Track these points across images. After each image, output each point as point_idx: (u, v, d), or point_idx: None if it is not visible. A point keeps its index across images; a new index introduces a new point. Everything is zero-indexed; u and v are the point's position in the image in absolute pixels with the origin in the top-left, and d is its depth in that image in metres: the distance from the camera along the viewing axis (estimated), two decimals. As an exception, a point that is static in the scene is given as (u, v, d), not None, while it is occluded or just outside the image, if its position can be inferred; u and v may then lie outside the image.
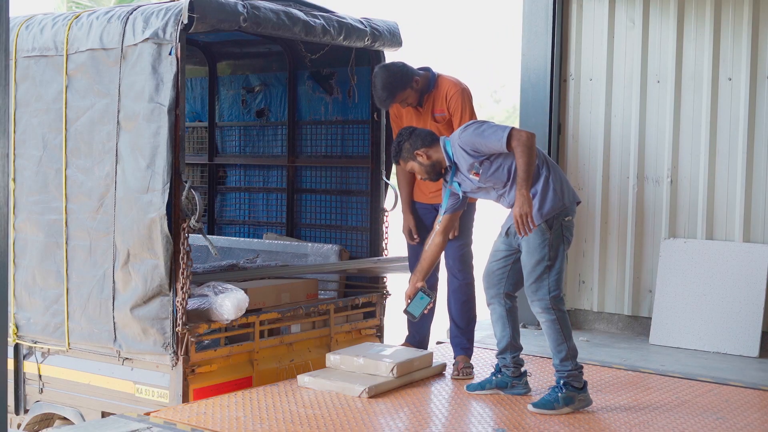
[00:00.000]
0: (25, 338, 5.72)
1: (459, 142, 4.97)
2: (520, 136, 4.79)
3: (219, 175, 7.59)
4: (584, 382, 4.97)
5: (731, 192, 6.96)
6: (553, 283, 4.92)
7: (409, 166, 5.16)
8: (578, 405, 4.93)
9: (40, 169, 5.56)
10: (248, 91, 7.34)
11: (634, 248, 7.35)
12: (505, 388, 5.23)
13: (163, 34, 4.99)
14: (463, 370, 5.65)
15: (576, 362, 4.95)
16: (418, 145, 5.08)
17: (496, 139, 4.83)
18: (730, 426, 4.78)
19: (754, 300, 6.72)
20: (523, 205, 4.74)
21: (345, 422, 4.65)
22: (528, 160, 4.77)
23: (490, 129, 4.89)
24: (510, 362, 5.24)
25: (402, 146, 5.13)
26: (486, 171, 4.93)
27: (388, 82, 5.49)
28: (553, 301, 4.93)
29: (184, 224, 5.02)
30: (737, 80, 6.92)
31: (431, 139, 5.12)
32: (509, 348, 5.21)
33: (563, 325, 4.94)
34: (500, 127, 4.89)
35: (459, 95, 5.57)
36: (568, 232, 4.99)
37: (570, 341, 4.95)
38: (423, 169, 5.12)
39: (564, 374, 4.93)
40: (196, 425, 4.58)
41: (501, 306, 5.17)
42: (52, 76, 5.50)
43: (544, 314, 4.95)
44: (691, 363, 6.38)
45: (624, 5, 7.36)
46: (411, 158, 5.12)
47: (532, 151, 4.80)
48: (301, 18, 5.54)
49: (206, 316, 5.18)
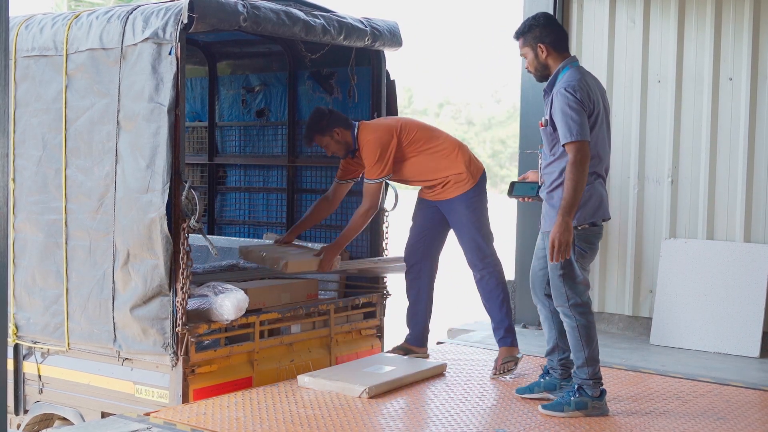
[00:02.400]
0: (25, 338, 5.71)
1: (561, 90, 4.73)
2: (581, 157, 4.59)
3: (219, 175, 7.58)
4: (602, 392, 4.88)
5: (732, 192, 6.95)
6: (570, 291, 4.81)
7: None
8: (592, 411, 4.83)
9: (40, 169, 5.55)
10: (248, 91, 7.33)
11: (635, 248, 7.35)
12: (554, 391, 5.09)
13: (163, 33, 4.99)
14: (502, 366, 5.60)
15: (594, 371, 4.85)
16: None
17: (565, 131, 4.66)
18: (730, 426, 4.78)
19: (754, 300, 6.72)
20: (563, 232, 4.59)
21: (345, 422, 4.65)
22: (576, 186, 4.59)
23: (573, 120, 4.65)
24: (557, 364, 5.13)
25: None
26: (546, 131, 4.83)
27: (309, 124, 5.91)
28: (572, 309, 4.82)
29: (183, 224, 5.01)
30: (738, 80, 6.92)
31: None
32: (556, 349, 5.13)
33: (582, 333, 4.83)
34: (581, 126, 4.65)
35: (367, 145, 5.75)
36: (582, 241, 4.81)
37: (589, 350, 4.83)
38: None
39: (579, 381, 4.87)
40: (196, 425, 4.58)
41: (545, 307, 5.09)
42: (51, 76, 5.49)
43: (565, 319, 4.88)
44: (691, 363, 6.38)
45: (625, 5, 7.35)
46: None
47: (582, 177, 4.61)
48: (301, 18, 5.54)
49: (206, 316, 5.18)
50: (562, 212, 4.62)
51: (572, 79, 4.78)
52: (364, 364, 5.66)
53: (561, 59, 4.90)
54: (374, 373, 5.41)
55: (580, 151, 4.63)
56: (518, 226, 7.73)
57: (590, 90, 4.79)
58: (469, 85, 38.30)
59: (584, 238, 4.82)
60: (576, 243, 4.77)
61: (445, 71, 39.93)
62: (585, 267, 4.88)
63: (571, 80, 4.77)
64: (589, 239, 4.85)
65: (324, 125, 5.80)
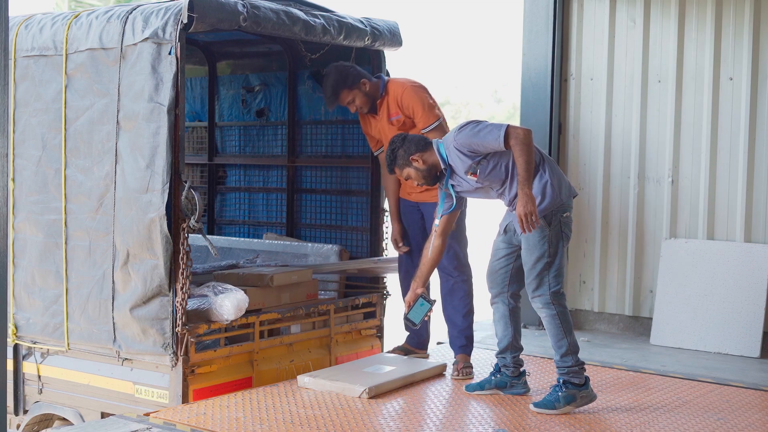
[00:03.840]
0: (25, 339, 5.71)
1: (454, 144, 4.93)
2: (518, 133, 4.77)
3: (219, 175, 7.57)
4: (586, 378, 4.96)
5: (732, 192, 6.95)
6: (553, 279, 4.93)
7: (406, 172, 5.09)
8: (580, 402, 4.92)
9: (40, 169, 5.54)
10: (248, 91, 7.33)
11: (635, 248, 7.34)
12: (504, 388, 5.23)
13: (163, 33, 4.98)
14: (463, 369, 5.64)
15: (577, 358, 4.95)
16: (412, 150, 5.03)
17: (493, 138, 4.81)
18: (730, 426, 4.77)
19: (755, 300, 6.71)
20: (527, 203, 4.73)
21: (345, 422, 4.64)
22: (528, 158, 4.76)
23: (486, 129, 4.86)
24: (510, 362, 5.23)
25: (396, 153, 5.07)
26: (483, 171, 4.91)
27: (335, 81, 5.66)
28: (553, 296, 4.93)
29: (183, 224, 5.00)
30: (738, 80, 6.91)
31: (425, 143, 5.07)
32: (510, 348, 5.21)
33: (563, 321, 4.94)
34: (496, 125, 4.86)
35: (409, 93, 5.60)
36: (567, 228, 5.00)
37: (570, 336, 4.95)
38: (420, 174, 5.06)
39: (564, 370, 4.92)
40: (196, 426, 4.57)
41: (504, 305, 5.18)
42: (51, 76, 5.48)
43: (544, 309, 4.96)
44: (692, 363, 6.38)
45: (625, 5, 7.35)
46: (407, 164, 5.05)
47: (530, 148, 4.79)
48: (301, 17, 5.53)
49: (206, 316, 5.17)
50: (522, 185, 4.75)
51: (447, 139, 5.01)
52: (363, 364, 5.66)
53: (432, 150, 5.05)
54: (374, 373, 5.41)
55: (513, 134, 4.77)
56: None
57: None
58: (469, 85, 38.34)
59: (568, 225, 5.01)
60: (563, 230, 4.96)
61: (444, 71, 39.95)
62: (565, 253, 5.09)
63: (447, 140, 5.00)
64: (570, 225, 5.04)
65: (352, 79, 5.70)
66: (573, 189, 5.09)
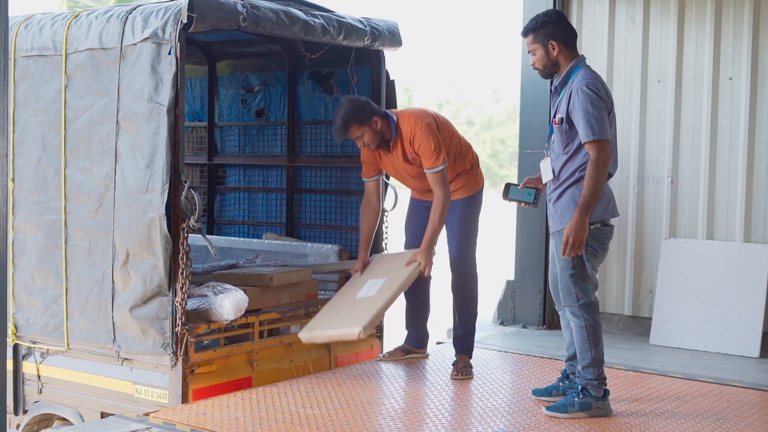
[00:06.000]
0: (24, 338, 5.71)
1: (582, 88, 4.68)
2: (604, 156, 4.58)
3: (218, 175, 7.58)
4: (605, 392, 4.87)
5: (732, 192, 6.95)
6: (580, 291, 4.79)
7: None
8: (596, 412, 4.81)
9: (39, 169, 5.55)
10: (248, 91, 7.33)
11: (635, 248, 7.34)
12: None
13: (163, 33, 4.98)
14: (463, 369, 5.63)
15: (599, 372, 4.84)
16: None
17: (586, 129, 4.62)
18: (730, 426, 4.77)
19: (754, 300, 6.71)
20: (578, 230, 4.59)
21: (345, 422, 4.64)
22: (596, 185, 4.59)
23: (594, 119, 4.62)
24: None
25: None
26: (560, 128, 4.77)
27: (346, 114, 5.49)
28: (582, 308, 4.80)
29: (183, 224, 5.01)
30: (738, 80, 6.91)
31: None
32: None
33: (590, 333, 4.82)
34: (602, 125, 4.62)
35: (420, 137, 5.52)
36: (594, 240, 4.78)
37: (596, 350, 4.82)
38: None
39: (583, 381, 4.85)
40: (196, 426, 4.57)
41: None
42: (51, 76, 5.49)
43: (573, 319, 4.86)
44: (691, 363, 6.37)
45: (624, 5, 7.35)
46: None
47: (603, 175, 4.61)
48: (300, 17, 5.54)
49: (206, 316, 5.18)
50: (579, 210, 4.61)
51: (590, 78, 4.76)
52: (353, 289, 5.64)
53: (571, 58, 4.87)
54: (365, 303, 5.38)
55: (602, 150, 4.62)
56: (518, 227, 7.72)
57: (606, 89, 4.80)
58: (469, 85, 38.36)
59: (597, 238, 4.79)
60: (588, 242, 4.75)
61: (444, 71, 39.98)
62: (595, 267, 4.87)
63: (589, 78, 4.75)
64: (601, 239, 4.83)
65: (364, 115, 5.52)
66: (616, 210, 4.89)
